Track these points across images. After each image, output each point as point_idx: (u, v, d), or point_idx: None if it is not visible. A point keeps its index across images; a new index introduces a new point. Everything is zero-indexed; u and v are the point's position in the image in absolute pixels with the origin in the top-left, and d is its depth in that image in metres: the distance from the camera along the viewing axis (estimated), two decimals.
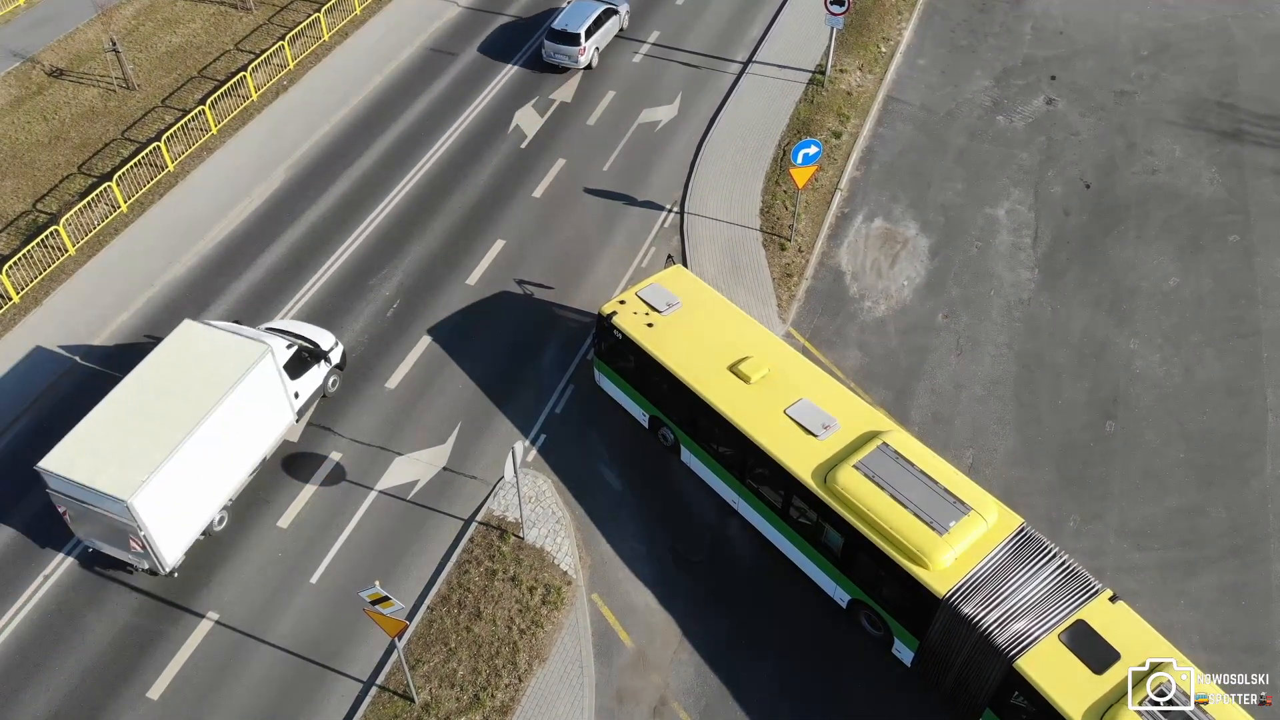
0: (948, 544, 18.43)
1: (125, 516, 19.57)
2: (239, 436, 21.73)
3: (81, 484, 19.68)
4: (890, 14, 37.73)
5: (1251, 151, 32.23)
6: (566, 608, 20.75)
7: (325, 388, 24.47)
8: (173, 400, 20.89)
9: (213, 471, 21.32)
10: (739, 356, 22.02)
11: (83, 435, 20.38)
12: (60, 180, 30.94)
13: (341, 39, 36.57)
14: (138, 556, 20.56)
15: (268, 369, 22.01)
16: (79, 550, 21.78)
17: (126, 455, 19.93)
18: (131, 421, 20.57)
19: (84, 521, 20.61)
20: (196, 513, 21.24)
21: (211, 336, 22.19)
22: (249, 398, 21.65)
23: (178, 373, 21.45)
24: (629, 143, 32.29)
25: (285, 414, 23.18)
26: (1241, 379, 25.47)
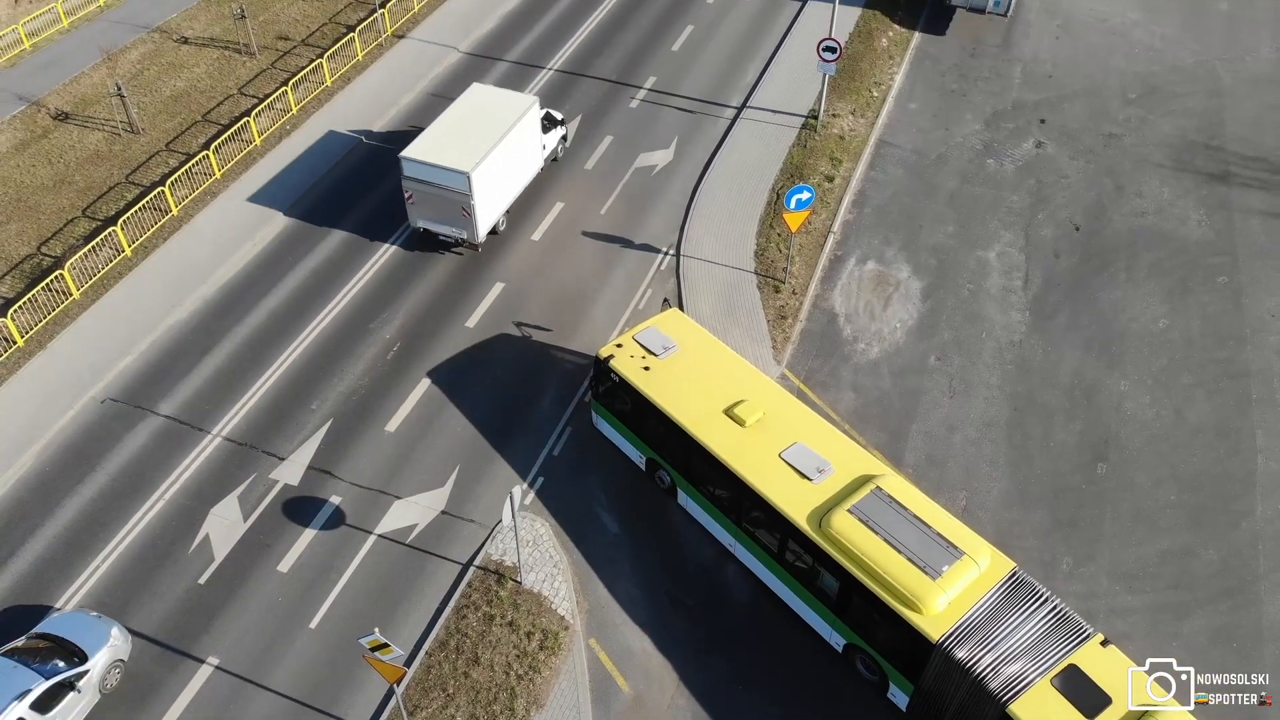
0: (941, 588, 18.65)
1: (463, 187, 27.94)
2: (517, 158, 30.22)
3: (434, 164, 28.08)
4: (882, 59, 38.41)
5: (1239, 193, 32.75)
6: (564, 653, 20.91)
7: (556, 152, 33.01)
8: (483, 123, 29.49)
9: (504, 177, 29.75)
10: (734, 400, 22.33)
11: (426, 139, 28.90)
12: (65, 224, 31.36)
13: (344, 84, 37.16)
14: (459, 228, 28.85)
15: (535, 114, 30.60)
16: (70, 601, 21.92)
17: (461, 149, 28.45)
18: (457, 134, 29.12)
19: (423, 203, 28.91)
20: (495, 204, 29.68)
21: (497, 92, 31.48)
22: (524, 131, 30.24)
23: (481, 111, 30.08)
24: (626, 186, 32.79)
25: (538, 156, 31.72)
26: (1231, 420, 25.79)
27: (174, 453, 24.73)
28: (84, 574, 22.29)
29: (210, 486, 24.00)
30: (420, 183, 28.55)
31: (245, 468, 24.39)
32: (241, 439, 25.03)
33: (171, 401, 25.95)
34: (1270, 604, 21.88)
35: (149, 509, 23.55)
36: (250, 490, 23.92)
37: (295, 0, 42.19)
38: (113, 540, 22.89)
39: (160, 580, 22.20)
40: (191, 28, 40.46)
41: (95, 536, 22.99)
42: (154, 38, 39.84)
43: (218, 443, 24.97)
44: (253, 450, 24.78)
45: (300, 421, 25.44)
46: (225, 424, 25.39)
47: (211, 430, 25.22)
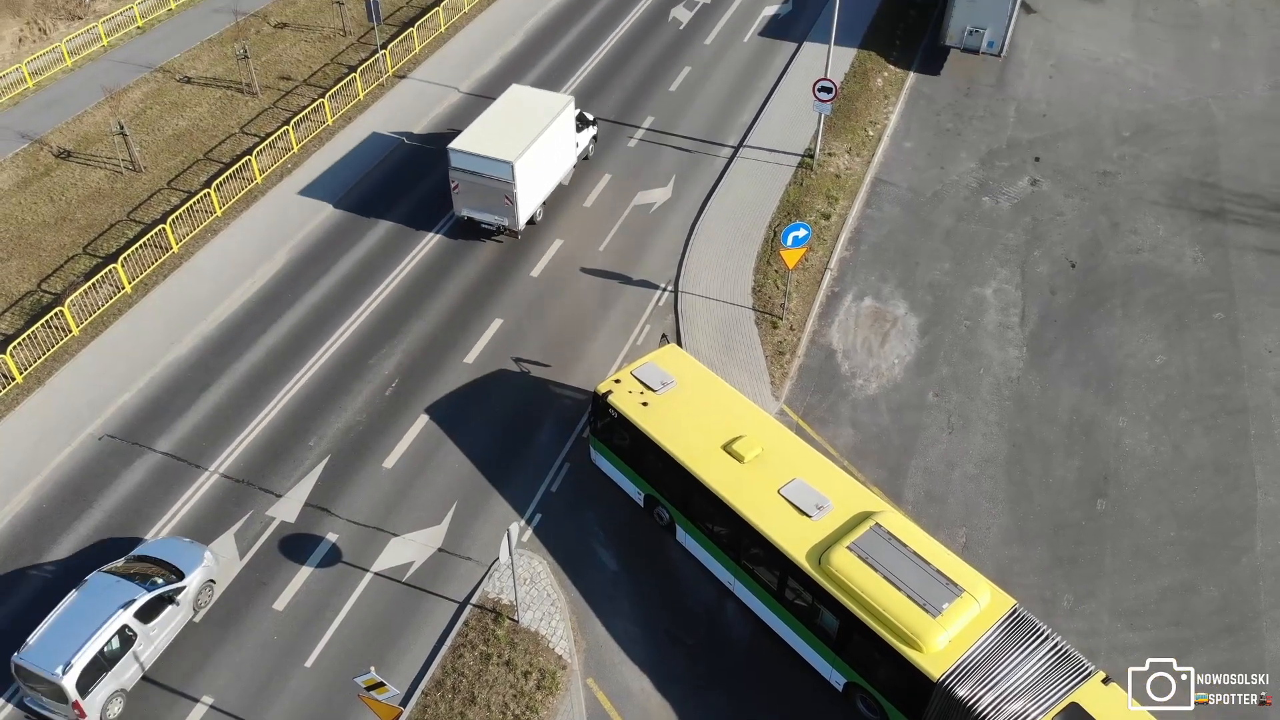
0: (941, 626, 18.56)
1: (506, 176, 29.94)
2: (554, 152, 32.40)
3: (480, 155, 30.24)
4: (877, 98, 38.83)
5: (1234, 230, 32.98)
6: (561, 692, 20.73)
7: (587, 151, 35.15)
8: (523, 119, 31.59)
9: (543, 168, 31.75)
10: (733, 435, 22.32)
11: (471, 133, 31.13)
12: (65, 261, 31.50)
13: (345, 123, 37.50)
14: (501, 215, 30.98)
15: (570, 112, 32.76)
16: None
17: (505, 142, 30.53)
18: (500, 128, 31.26)
19: (468, 192, 31.03)
20: (534, 194, 31.74)
21: (535, 92, 33.58)
22: (561, 127, 32.39)
23: (521, 108, 32.23)
24: (624, 224, 33.00)
25: (572, 153, 33.95)
26: (1230, 456, 25.78)
27: (171, 489, 24.66)
28: None
29: (207, 524, 23.90)
30: (466, 173, 30.66)
31: (242, 505, 24.32)
32: (238, 476, 24.98)
33: (169, 438, 25.92)
34: (1272, 640, 21.75)
35: None
36: (247, 527, 23.84)
37: (297, 41, 42.71)
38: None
39: None
40: (194, 67, 40.91)
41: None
42: (157, 77, 40.27)
43: (215, 480, 24.92)
44: (249, 487, 24.71)
45: (298, 458, 25.40)
46: (222, 461, 25.35)
47: (209, 467, 25.17)
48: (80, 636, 19.68)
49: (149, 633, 20.67)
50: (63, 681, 19.19)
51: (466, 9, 44.87)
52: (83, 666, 19.37)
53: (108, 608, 20.18)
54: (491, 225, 31.77)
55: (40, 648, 19.61)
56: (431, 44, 42.38)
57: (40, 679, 19.42)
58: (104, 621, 19.91)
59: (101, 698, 19.87)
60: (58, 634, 19.80)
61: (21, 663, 19.56)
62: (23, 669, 19.59)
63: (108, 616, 20.04)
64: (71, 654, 19.39)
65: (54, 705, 19.76)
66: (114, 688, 20.08)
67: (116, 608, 20.22)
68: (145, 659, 20.71)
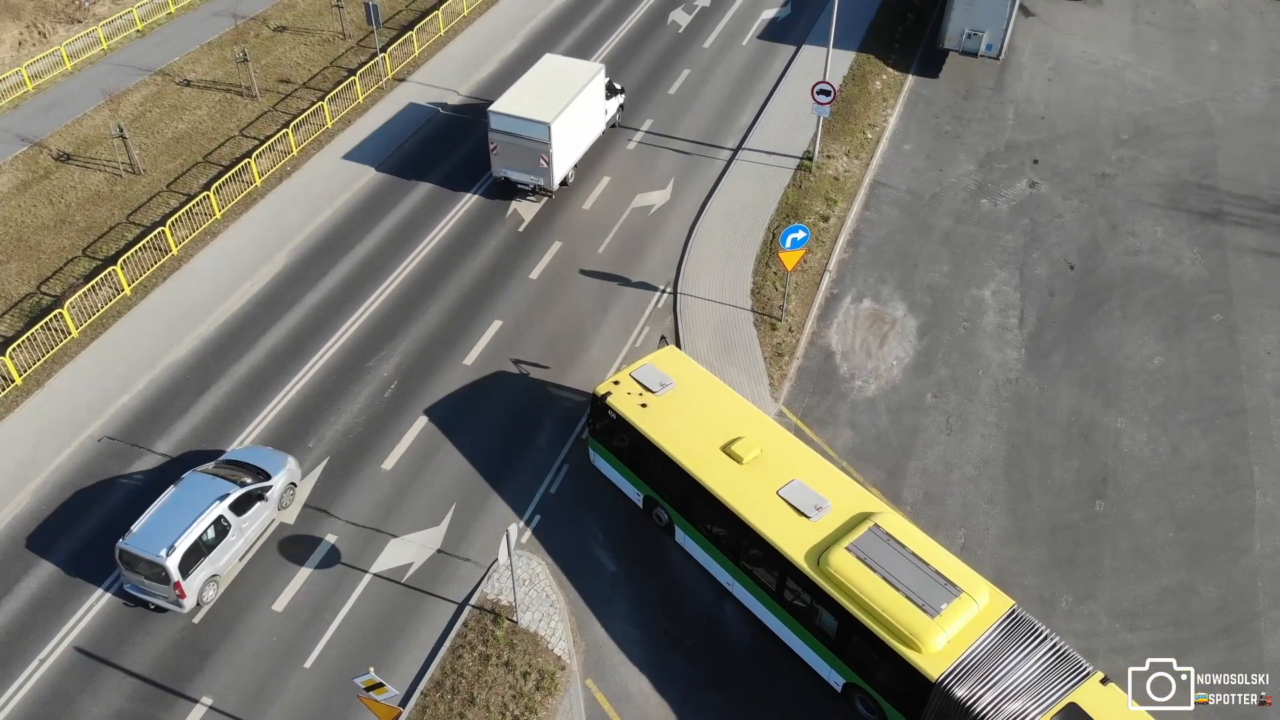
0: (940, 626, 18.56)
1: (543, 137, 31.54)
2: (586, 117, 34.12)
3: (518, 116, 31.76)
4: (876, 101, 38.89)
5: (1232, 232, 33.03)
6: (560, 694, 20.73)
7: (614, 119, 36.93)
8: (558, 84, 33.30)
9: (576, 131, 33.45)
10: (732, 437, 22.34)
11: (509, 97, 32.80)
12: (65, 263, 31.52)
13: (345, 126, 37.55)
14: (537, 175, 32.52)
15: (600, 79, 34.54)
16: (64, 640, 21.79)
17: (541, 104, 32.15)
18: (536, 93, 32.87)
19: (506, 153, 32.58)
20: (568, 155, 33.43)
21: (568, 60, 35.54)
22: (592, 93, 34.12)
23: (555, 74, 33.97)
24: (623, 226, 33.05)
25: (602, 119, 35.65)
26: (1228, 457, 25.80)
27: None
28: (79, 612, 22.14)
29: None
30: (504, 134, 32.27)
31: None
32: None
33: (169, 440, 25.93)
34: (1270, 641, 21.75)
35: None
36: None
37: (297, 45, 42.78)
38: (107, 579, 22.75)
39: (154, 619, 22.04)
40: (194, 71, 40.97)
41: (90, 575, 22.84)
42: (156, 80, 40.33)
43: None
44: None
45: (297, 459, 25.37)
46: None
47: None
48: (180, 525, 21.49)
49: (241, 525, 22.52)
50: (166, 563, 20.92)
51: (466, 12, 44.95)
52: (184, 551, 21.15)
53: (205, 500, 22.06)
54: (527, 185, 33.26)
55: (144, 534, 21.36)
56: (431, 47, 42.46)
57: (145, 562, 21.07)
58: (202, 512, 21.79)
59: (199, 582, 21.68)
60: (159, 523, 21.60)
61: (126, 547, 21.23)
62: (127, 554, 21.26)
63: (205, 507, 21.89)
64: (174, 539, 21.17)
65: (155, 588, 21.49)
66: (210, 573, 21.92)
67: (213, 499, 22.12)
68: (237, 550, 22.58)
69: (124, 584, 22.02)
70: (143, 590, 21.74)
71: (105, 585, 22.51)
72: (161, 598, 21.61)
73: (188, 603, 21.57)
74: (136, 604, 22.19)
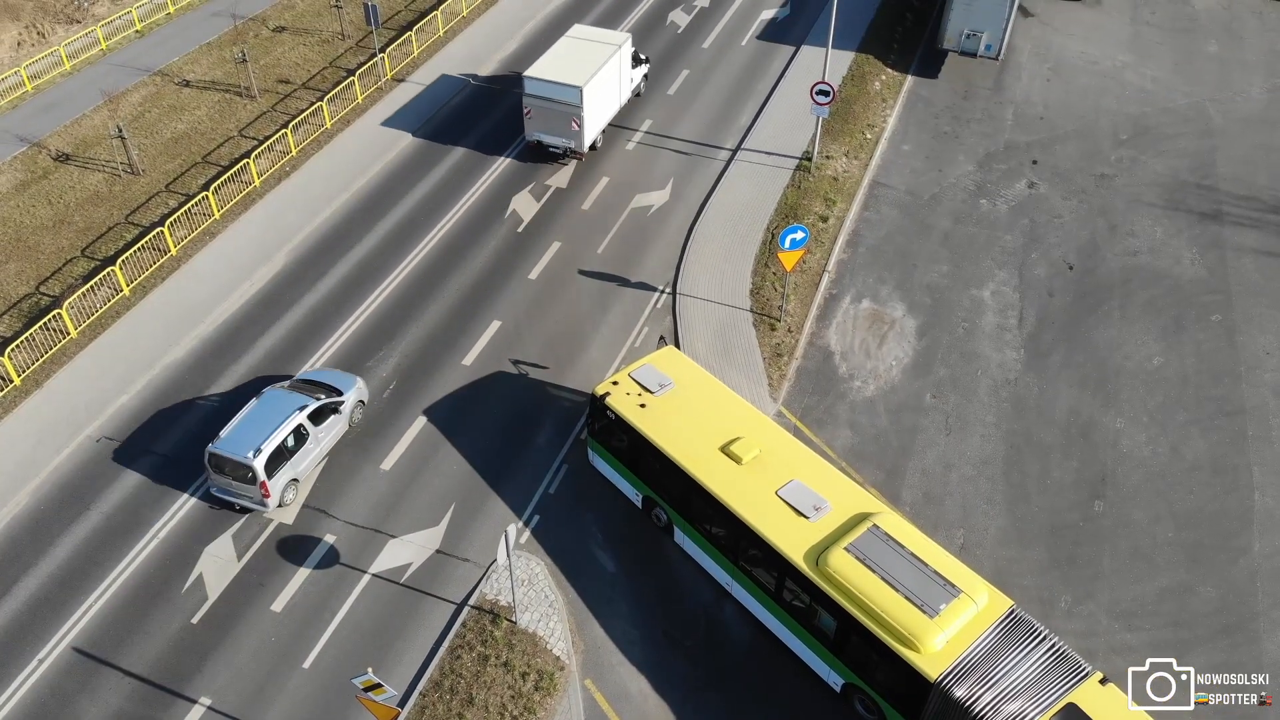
0: (939, 627, 18.55)
1: (575, 100, 33.33)
2: (614, 83, 35.78)
3: (552, 81, 33.49)
4: (875, 101, 38.89)
5: (1231, 232, 33.03)
6: (559, 694, 20.71)
7: (639, 88, 38.65)
8: (588, 52, 34.92)
9: (605, 96, 35.24)
10: (731, 437, 22.33)
11: (542, 64, 34.43)
12: (64, 263, 31.51)
13: (344, 126, 37.54)
14: (568, 138, 34.35)
15: (628, 48, 36.28)
16: (63, 641, 21.78)
17: (572, 70, 33.84)
18: (567, 60, 34.49)
19: (539, 117, 34.28)
20: (598, 119, 35.26)
21: (596, 30, 37.05)
22: (620, 61, 35.76)
23: (584, 43, 35.49)
24: (623, 226, 33.04)
25: (628, 87, 37.32)
26: (1227, 457, 25.80)
27: (169, 491, 24.65)
28: (77, 612, 22.14)
29: (204, 525, 23.90)
30: (538, 98, 33.94)
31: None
32: None
33: (167, 440, 25.90)
34: (1270, 641, 21.75)
35: (143, 548, 23.44)
36: (245, 529, 23.83)
37: (296, 45, 42.78)
38: (106, 579, 22.76)
39: (153, 619, 22.04)
40: (193, 71, 40.97)
41: (89, 575, 22.86)
42: (156, 80, 40.32)
43: None
44: None
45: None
46: None
47: None
48: (265, 431, 23.45)
49: (318, 434, 24.53)
50: (254, 463, 22.81)
51: (465, 13, 44.96)
52: (269, 453, 23.06)
53: (285, 410, 24.05)
54: (559, 149, 34.93)
55: (231, 439, 23.34)
56: (430, 48, 42.46)
57: (233, 463, 22.99)
58: (284, 420, 23.77)
59: (281, 483, 23.58)
60: (245, 429, 23.55)
61: (216, 450, 23.18)
62: (216, 456, 23.19)
63: (286, 416, 23.86)
64: (259, 442, 23.12)
65: (241, 488, 23.38)
66: (290, 476, 23.87)
67: (294, 409, 24.10)
68: (313, 457, 24.58)
69: (210, 487, 23.89)
70: (229, 492, 23.64)
71: (190, 490, 24.51)
72: (247, 498, 23.48)
73: (271, 502, 23.45)
74: (222, 507, 24.14)
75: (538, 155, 36.12)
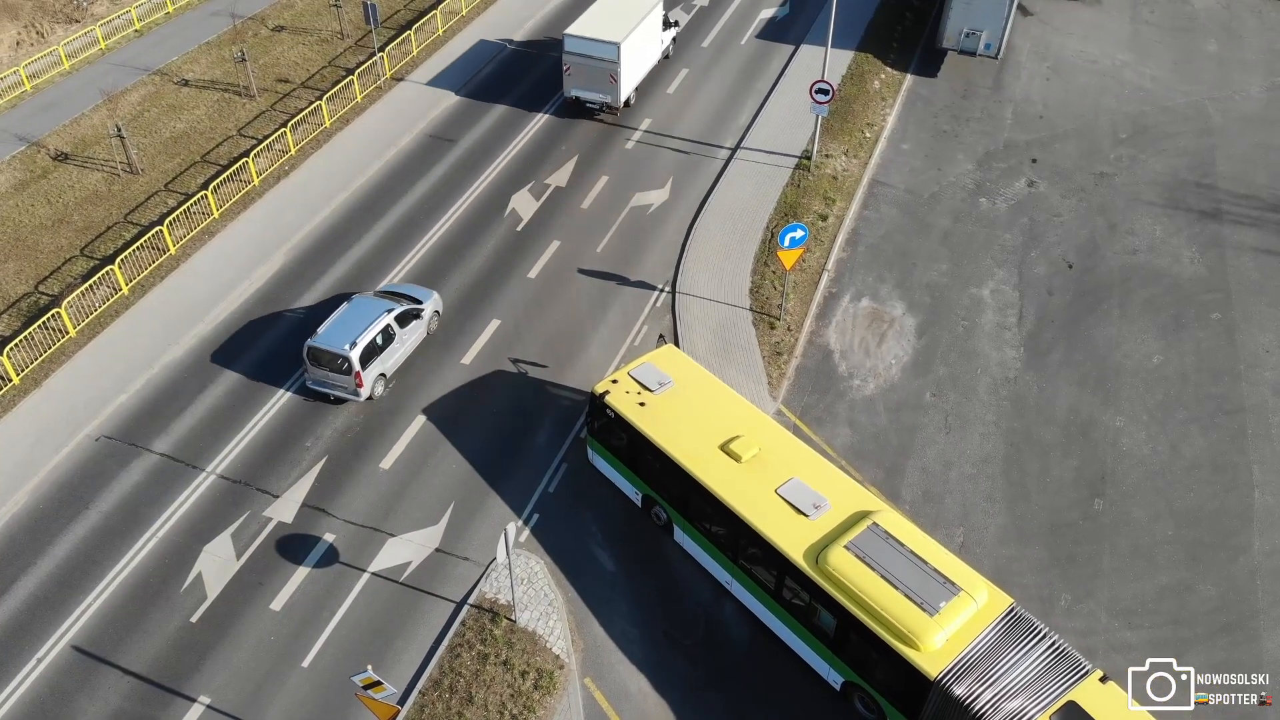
0: (939, 625, 18.54)
1: (613, 56, 35.71)
2: (647, 43, 38.19)
3: (590, 38, 35.89)
4: (874, 100, 38.88)
5: (1231, 230, 33.04)
6: (559, 692, 20.70)
7: (668, 50, 41.20)
8: (623, 12, 37.30)
9: (639, 55, 37.56)
10: (730, 435, 22.32)
11: (580, 23, 36.87)
12: (63, 263, 31.49)
13: (343, 125, 37.52)
14: (605, 93, 36.74)
15: (659, 11, 38.62)
16: (62, 639, 21.75)
17: (610, 28, 36.31)
18: (604, 20, 36.92)
19: (578, 74, 36.65)
20: (632, 76, 37.55)
21: None
22: (652, 22, 38.31)
23: (619, 5, 37.86)
24: (622, 225, 33.02)
25: (659, 48, 39.82)
26: (1227, 455, 25.80)
27: (168, 490, 24.65)
28: (76, 611, 22.12)
29: (204, 524, 23.89)
30: (578, 55, 36.25)
31: (239, 505, 24.29)
32: (235, 476, 24.96)
33: (166, 439, 25.90)
34: (1269, 639, 21.74)
35: (142, 547, 23.42)
36: (244, 528, 23.81)
37: (295, 44, 42.76)
38: (105, 578, 22.75)
39: (152, 618, 22.02)
40: (192, 70, 40.95)
41: (88, 574, 22.84)
42: (154, 80, 40.30)
43: (212, 480, 24.90)
44: (247, 488, 24.69)
45: (294, 459, 25.39)
46: (220, 461, 25.33)
47: (205, 468, 25.15)
48: (357, 329, 26.14)
49: (403, 335, 27.27)
50: (350, 355, 25.55)
51: (464, 12, 44.95)
52: (363, 347, 25.81)
53: (375, 312, 26.57)
54: (595, 104, 37.35)
55: (328, 335, 26.06)
56: (429, 47, 42.43)
57: (330, 354, 25.73)
58: (374, 319, 26.45)
59: (373, 376, 26.35)
60: (339, 328, 26.24)
61: (315, 344, 25.91)
62: (314, 349, 25.91)
63: (377, 317, 26.36)
64: (354, 337, 25.85)
65: (336, 379, 26.15)
66: (380, 370, 26.63)
67: (383, 311, 26.64)
68: (399, 356, 27.40)
69: (307, 380, 26.69)
70: (325, 384, 26.43)
71: (285, 385, 27.44)
72: (341, 389, 26.27)
73: (364, 392, 26.22)
74: (316, 399, 26.88)
75: (575, 111, 37.82)
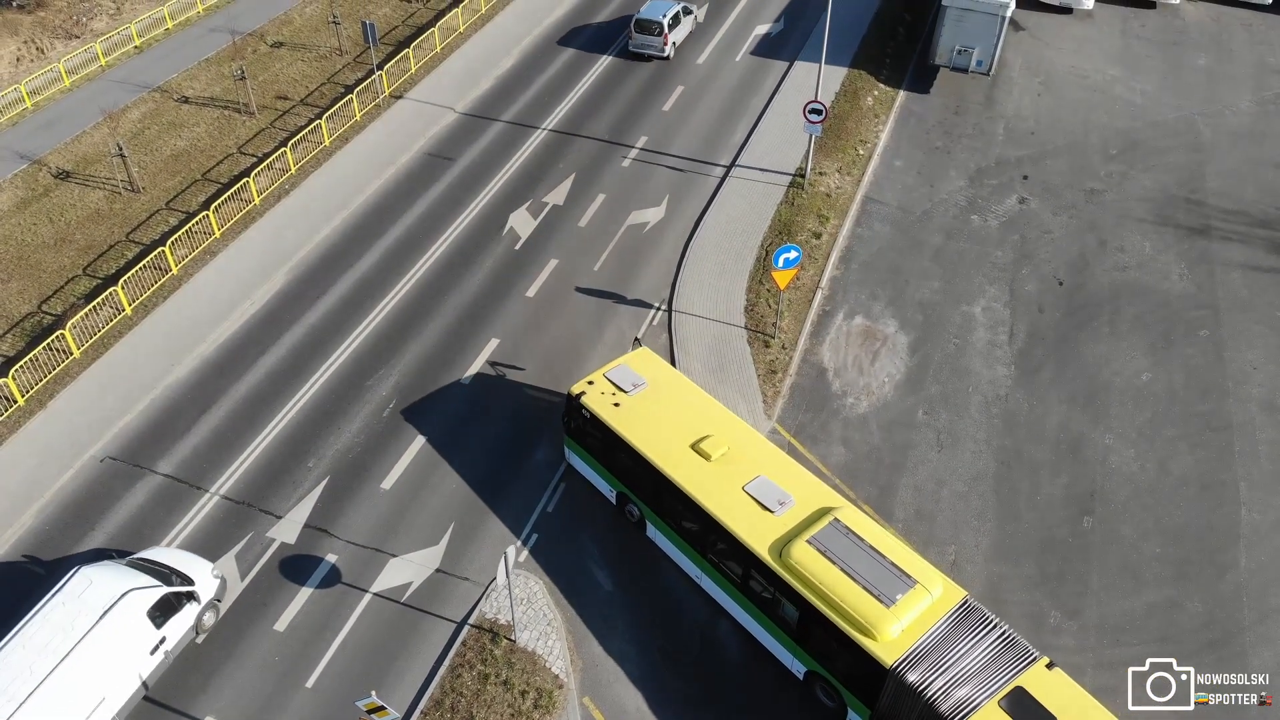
0: (895, 616, 19.30)
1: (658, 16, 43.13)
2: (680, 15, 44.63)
3: None
4: (867, 117, 39.32)
5: (1220, 247, 33.45)
6: (558, 711, 21.08)
7: (691, 25, 46.74)
8: None
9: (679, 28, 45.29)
10: (700, 435, 23.01)
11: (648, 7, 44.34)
12: (65, 282, 31.83)
13: (342, 144, 37.89)
14: (655, 49, 43.16)
15: None
16: None
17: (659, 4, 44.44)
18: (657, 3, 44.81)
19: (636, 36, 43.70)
20: (677, 35, 44.46)
21: None
22: None
23: None
24: (619, 243, 33.42)
25: (689, 23, 45.31)
26: (1215, 473, 26.21)
27: (172, 511, 25.01)
28: None
29: (208, 545, 24.23)
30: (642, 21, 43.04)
31: (242, 526, 24.66)
32: (239, 497, 25.32)
33: (170, 460, 26.26)
34: (1255, 656, 22.13)
35: None
36: (247, 549, 24.18)
37: (294, 61, 43.14)
38: None
39: None
40: (192, 87, 41.31)
41: None
42: (155, 97, 40.66)
43: (215, 501, 25.27)
44: (250, 508, 25.06)
45: (297, 479, 25.76)
46: (223, 482, 25.70)
47: (209, 489, 25.52)
48: (666, 10, 42.03)
49: (685, 21, 43.63)
50: (663, 20, 41.13)
51: (462, 29, 45.33)
52: (669, 16, 41.53)
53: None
54: (647, 52, 43.36)
55: (649, 9, 41.87)
56: (427, 64, 42.82)
57: (648, 22, 41.50)
58: None
59: (673, 39, 42.18)
60: (655, 6, 41.89)
61: (641, 16, 41.44)
62: (641, 20, 41.52)
63: None
64: (666, 12, 41.83)
65: (650, 40, 41.51)
66: (674, 40, 42.06)
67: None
68: (685, 27, 43.61)
69: (629, 45, 42.07)
70: (642, 46, 41.59)
71: (610, 50, 41.95)
72: (654, 50, 41.47)
73: (668, 50, 41.62)
74: (632, 58, 41.71)
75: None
